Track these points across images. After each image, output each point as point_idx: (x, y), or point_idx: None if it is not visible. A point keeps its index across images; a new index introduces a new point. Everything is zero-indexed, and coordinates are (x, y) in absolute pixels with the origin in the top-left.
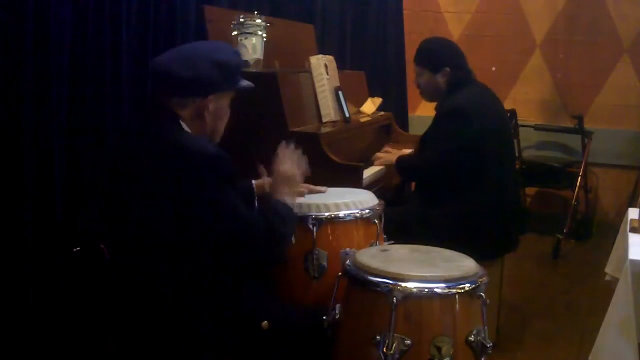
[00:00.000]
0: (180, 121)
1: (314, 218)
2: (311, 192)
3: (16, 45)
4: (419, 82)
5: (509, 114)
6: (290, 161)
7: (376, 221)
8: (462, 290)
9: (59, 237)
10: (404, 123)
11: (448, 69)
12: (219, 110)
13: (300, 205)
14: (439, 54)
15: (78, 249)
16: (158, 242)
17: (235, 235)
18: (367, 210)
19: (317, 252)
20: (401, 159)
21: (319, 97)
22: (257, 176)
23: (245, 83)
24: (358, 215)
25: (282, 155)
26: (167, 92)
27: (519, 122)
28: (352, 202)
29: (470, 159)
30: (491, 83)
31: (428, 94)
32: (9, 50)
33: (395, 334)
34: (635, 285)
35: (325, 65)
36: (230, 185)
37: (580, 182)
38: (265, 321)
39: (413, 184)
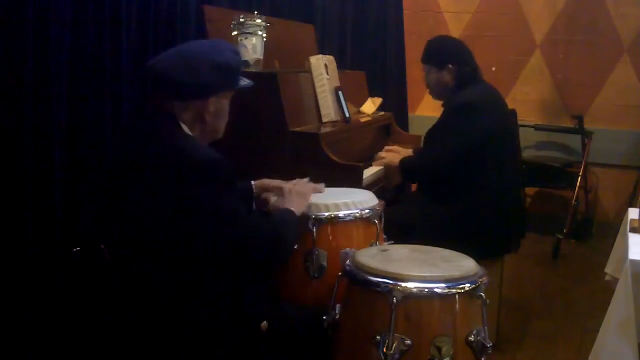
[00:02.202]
0: (181, 123)
1: (314, 218)
2: (310, 190)
3: (16, 45)
4: (427, 81)
5: None
6: (304, 183)
7: (376, 221)
8: (462, 290)
9: (59, 237)
10: (404, 123)
11: (453, 65)
12: (219, 110)
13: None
14: (444, 51)
15: (78, 249)
16: (158, 244)
17: (237, 239)
18: (367, 210)
19: (317, 252)
20: (406, 161)
21: (319, 97)
22: (259, 176)
23: (244, 82)
24: (358, 215)
25: (295, 181)
26: (168, 96)
27: (519, 122)
28: (352, 202)
29: (476, 158)
30: (491, 83)
31: (436, 92)
32: (9, 50)
33: (395, 334)
34: (635, 285)
35: (325, 65)
36: (230, 189)
37: (580, 182)
38: (265, 322)
39: (413, 184)
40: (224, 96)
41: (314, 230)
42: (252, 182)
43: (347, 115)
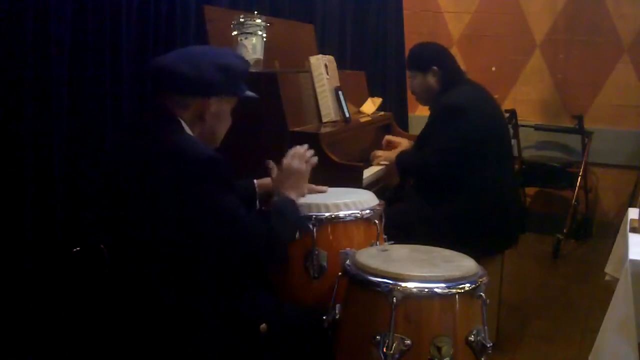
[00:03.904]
0: (181, 122)
1: (314, 218)
2: (312, 191)
3: (16, 45)
4: (413, 87)
5: (509, 114)
6: (300, 158)
7: (376, 221)
8: (462, 290)
9: (59, 237)
10: (404, 123)
11: (437, 67)
12: (220, 113)
13: (300, 205)
14: (426, 55)
15: (78, 249)
16: (157, 243)
17: (234, 238)
18: (367, 211)
19: (317, 252)
20: (401, 157)
21: (319, 97)
22: (259, 175)
23: (249, 93)
24: (358, 215)
25: (293, 152)
26: (168, 89)
27: (519, 122)
28: (352, 202)
29: (468, 157)
30: (491, 83)
31: (423, 98)
32: (9, 50)
33: (395, 334)
34: (635, 285)
35: (325, 65)
36: (228, 188)
37: (580, 182)
38: (264, 324)
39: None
40: (227, 101)
41: (314, 230)
42: (255, 181)
43: (347, 115)
